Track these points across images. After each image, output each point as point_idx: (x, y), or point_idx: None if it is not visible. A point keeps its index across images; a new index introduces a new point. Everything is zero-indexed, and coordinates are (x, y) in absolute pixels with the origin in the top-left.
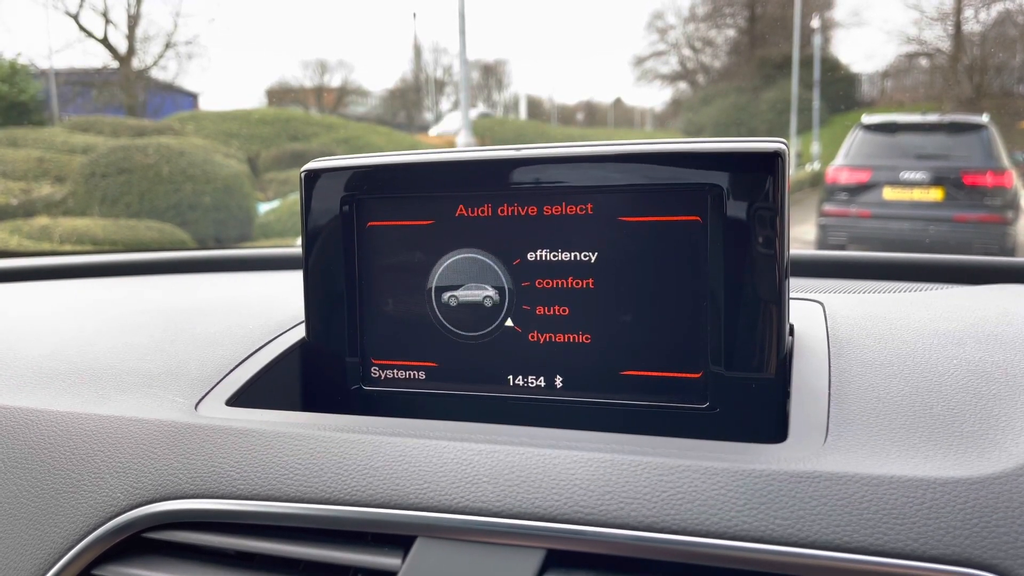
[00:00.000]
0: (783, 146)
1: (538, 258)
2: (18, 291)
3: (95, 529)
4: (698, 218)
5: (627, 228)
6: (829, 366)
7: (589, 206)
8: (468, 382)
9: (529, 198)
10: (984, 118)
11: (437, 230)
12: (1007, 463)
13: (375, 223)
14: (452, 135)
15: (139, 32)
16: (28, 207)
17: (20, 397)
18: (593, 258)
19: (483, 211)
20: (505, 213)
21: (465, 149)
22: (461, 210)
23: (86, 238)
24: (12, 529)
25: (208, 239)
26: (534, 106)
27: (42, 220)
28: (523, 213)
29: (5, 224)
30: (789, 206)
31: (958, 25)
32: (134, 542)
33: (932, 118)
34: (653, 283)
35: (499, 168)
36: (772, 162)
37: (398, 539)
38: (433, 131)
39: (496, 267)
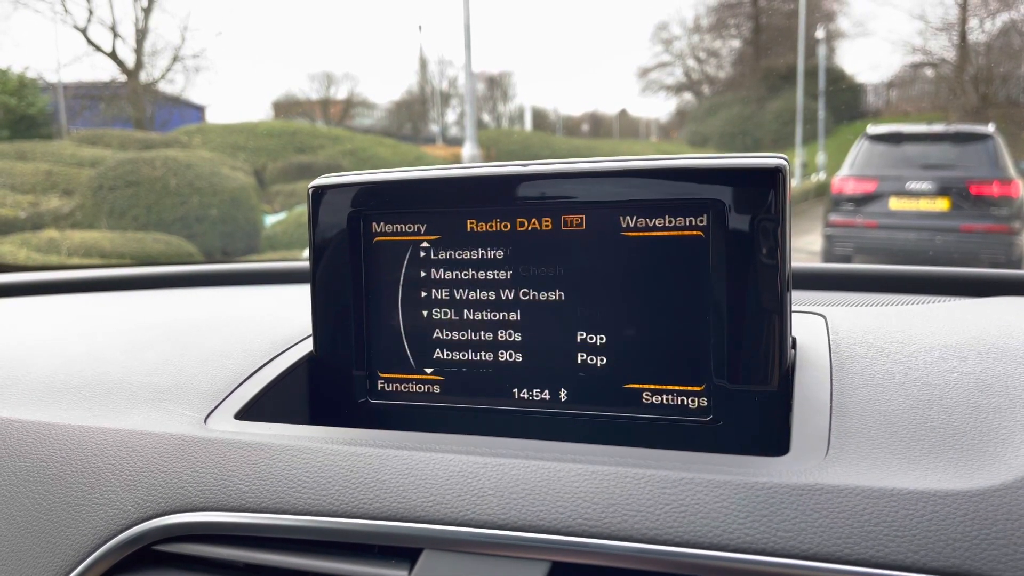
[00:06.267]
0: (784, 162)
1: (542, 272)
2: (29, 305)
3: (106, 542)
4: (700, 233)
5: (630, 243)
6: (831, 379)
7: (592, 221)
8: (474, 395)
9: (533, 213)
10: (990, 128)
11: (443, 245)
12: (1007, 476)
13: (382, 238)
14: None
15: (147, 46)
16: (36, 220)
17: (31, 411)
18: (597, 273)
19: (488, 226)
20: (509, 228)
21: (469, 165)
22: (467, 225)
23: (94, 251)
24: (24, 542)
25: (215, 251)
26: (539, 117)
27: (50, 233)
28: (527, 228)
29: (14, 237)
30: (790, 220)
31: (963, 35)
32: (145, 555)
33: (938, 128)
34: (656, 297)
35: (503, 184)
36: (774, 177)
37: (405, 551)
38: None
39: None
